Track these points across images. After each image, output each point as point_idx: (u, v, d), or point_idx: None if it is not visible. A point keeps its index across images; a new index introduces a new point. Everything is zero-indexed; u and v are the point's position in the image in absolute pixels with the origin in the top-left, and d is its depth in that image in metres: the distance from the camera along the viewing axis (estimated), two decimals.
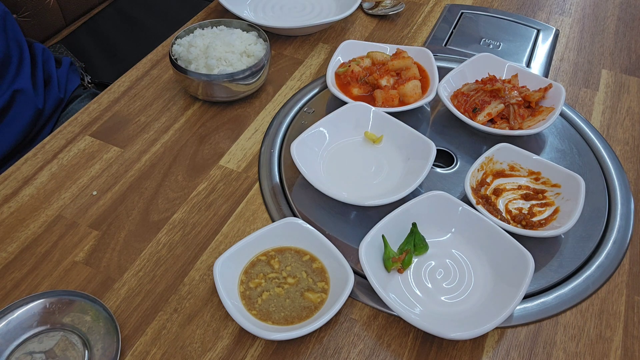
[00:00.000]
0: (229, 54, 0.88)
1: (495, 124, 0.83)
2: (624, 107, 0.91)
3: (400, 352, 0.60)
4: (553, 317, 0.63)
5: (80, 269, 0.67)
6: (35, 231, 0.71)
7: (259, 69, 0.87)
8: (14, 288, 0.65)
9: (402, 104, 0.86)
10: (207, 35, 0.93)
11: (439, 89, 0.86)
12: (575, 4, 1.16)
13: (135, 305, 0.64)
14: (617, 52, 1.03)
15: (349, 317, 0.63)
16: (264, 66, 0.88)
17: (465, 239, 0.68)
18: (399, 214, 0.68)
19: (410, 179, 0.73)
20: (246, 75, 0.86)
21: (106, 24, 1.33)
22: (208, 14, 1.12)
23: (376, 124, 0.82)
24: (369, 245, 0.64)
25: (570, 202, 0.70)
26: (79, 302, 0.62)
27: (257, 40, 0.93)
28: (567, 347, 0.61)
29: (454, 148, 0.83)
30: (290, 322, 0.61)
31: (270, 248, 0.67)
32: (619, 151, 0.83)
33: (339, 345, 0.61)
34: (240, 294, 0.63)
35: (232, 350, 0.60)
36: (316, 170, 0.77)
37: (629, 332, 0.62)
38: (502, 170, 0.77)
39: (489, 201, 0.72)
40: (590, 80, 0.96)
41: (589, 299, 0.65)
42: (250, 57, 0.90)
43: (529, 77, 0.89)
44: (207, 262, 0.68)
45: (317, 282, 0.64)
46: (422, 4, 1.16)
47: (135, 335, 0.61)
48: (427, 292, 0.64)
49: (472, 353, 0.60)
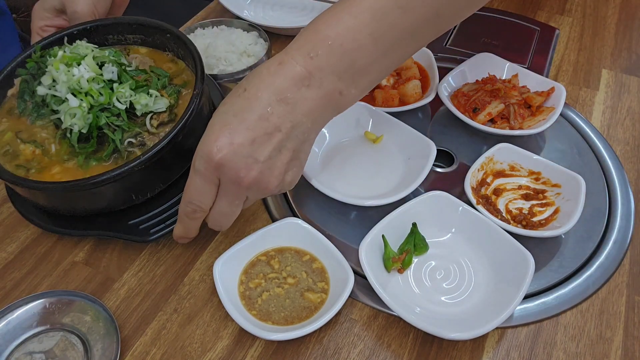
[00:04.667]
0: (229, 54, 0.88)
1: (496, 124, 0.83)
2: (624, 107, 0.91)
3: (400, 353, 0.60)
4: (553, 318, 0.63)
5: (80, 269, 0.67)
6: (35, 231, 0.71)
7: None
8: (13, 288, 0.65)
9: (402, 104, 0.86)
10: (208, 34, 0.92)
11: (439, 89, 0.85)
12: (576, 4, 1.16)
13: (135, 306, 0.64)
14: (617, 52, 1.03)
15: (349, 317, 0.63)
16: None
17: (466, 239, 0.68)
18: (399, 214, 0.67)
19: (410, 179, 0.73)
20: (246, 75, 0.86)
21: None
22: (208, 14, 1.11)
23: (376, 123, 0.82)
24: (369, 245, 0.64)
25: (570, 202, 0.70)
26: (79, 302, 0.62)
27: (257, 40, 0.92)
28: (567, 347, 0.61)
29: (454, 148, 0.83)
30: (290, 323, 0.60)
31: (270, 248, 0.67)
32: (620, 151, 0.83)
33: (339, 346, 0.61)
34: (240, 294, 0.63)
35: (232, 350, 0.60)
36: (316, 170, 0.77)
37: (629, 333, 0.62)
38: (503, 170, 0.77)
39: (489, 201, 0.72)
40: (590, 80, 0.96)
41: (589, 299, 0.65)
42: (251, 57, 0.90)
43: (529, 77, 0.89)
44: (207, 262, 0.68)
45: (317, 282, 0.64)
46: None
47: (135, 335, 0.61)
48: (427, 292, 0.64)
49: (472, 353, 0.60)
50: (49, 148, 0.67)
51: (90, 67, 0.66)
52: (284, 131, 0.55)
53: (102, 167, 0.64)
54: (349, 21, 0.55)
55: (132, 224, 0.66)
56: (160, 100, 0.67)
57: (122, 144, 0.65)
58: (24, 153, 0.66)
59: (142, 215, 0.66)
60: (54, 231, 0.67)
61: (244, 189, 0.56)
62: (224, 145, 0.54)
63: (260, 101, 0.55)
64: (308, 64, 0.55)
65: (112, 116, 0.65)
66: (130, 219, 0.66)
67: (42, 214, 0.68)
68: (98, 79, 0.65)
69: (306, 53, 0.55)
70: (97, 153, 0.66)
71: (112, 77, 0.67)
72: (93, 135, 0.65)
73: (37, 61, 0.71)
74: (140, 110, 0.66)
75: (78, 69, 0.65)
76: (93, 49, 0.69)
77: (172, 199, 0.67)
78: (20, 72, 0.71)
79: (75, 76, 0.64)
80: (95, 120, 0.64)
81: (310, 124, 0.57)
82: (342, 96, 0.57)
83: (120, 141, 0.65)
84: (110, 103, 0.65)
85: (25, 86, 0.70)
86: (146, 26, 0.76)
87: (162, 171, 0.65)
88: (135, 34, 0.77)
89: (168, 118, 0.67)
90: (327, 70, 0.55)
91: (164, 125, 0.67)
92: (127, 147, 0.65)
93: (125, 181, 0.61)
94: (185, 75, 0.74)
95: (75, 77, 0.64)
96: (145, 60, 0.75)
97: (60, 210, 0.66)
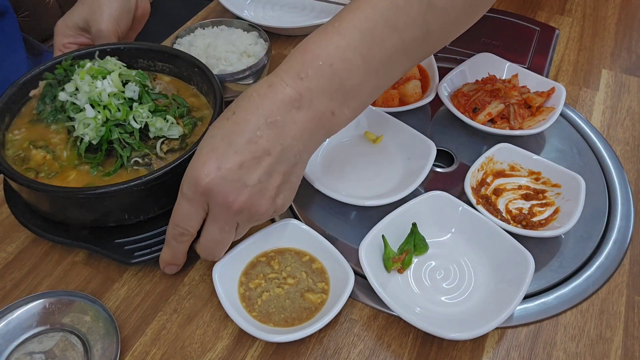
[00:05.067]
0: (230, 54, 0.88)
1: (496, 124, 0.83)
2: (624, 107, 0.91)
3: (400, 353, 0.60)
4: (553, 318, 0.63)
5: (80, 269, 0.67)
6: None
7: (260, 69, 0.87)
8: (13, 288, 0.65)
9: (402, 104, 0.86)
10: (208, 34, 0.93)
11: (439, 89, 0.85)
12: (576, 4, 1.16)
13: (135, 306, 0.64)
14: (617, 52, 1.03)
15: (349, 317, 0.63)
16: (265, 66, 0.88)
17: (466, 239, 0.68)
18: (399, 214, 0.67)
19: (410, 179, 0.73)
20: (246, 75, 0.86)
21: None
22: (208, 14, 1.11)
23: (376, 123, 0.82)
24: (369, 245, 0.64)
25: (570, 202, 0.70)
26: (79, 302, 0.62)
27: (257, 41, 0.92)
28: (567, 347, 0.61)
29: (454, 148, 0.83)
30: (290, 324, 0.60)
31: (270, 249, 0.67)
32: (620, 151, 0.83)
33: (339, 346, 0.61)
34: (240, 295, 0.63)
35: (232, 350, 0.60)
36: (316, 170, 0.77)
37: (629, 333, 0.62)
38: (503, 170, 0.77)
39: (489, 201, 0.72)
40: (590, 80, 0.96)
41: (589, 299, 0.65)
42: (251, 57, 0.90)
43: (529, 77, 0.89)
44: (207, 262, 0.68)
45: (317, 282, 0.64)
46: None
47: (134, 335, 0.61)
48: (427, 292, 0.64)
49: (472, 353, 0.60)
50: (60, 154, 0.68)
51: (114, 82, 0.67)
52: (274, 154, 0.54)
53: (103, 180, 0.65)
54: (338, 41, 0.55)
55: (118, 242, 0.65)
56: (175, 128, 0.68)
57: (129, 161, 0.66)
58: (35, 158, 0.68)
59: (130, 236, 0.66)
60: (42, 236, 0.67)
61: (233, 214, 0.56)
62: (211, 170, 0.53)
63: (249, 124, 0.54)
64: (298, 85, 0.54)
65: (125, 133, 0.66)
66: (117, 237, 0.66)
67: (36, 219, 0.68)
68: (119, 95, 0.67)
69: (295, 74, 0.55)
70: (105, 166, 0.67)
71: (133, 96, 0.68)
72: (102, 147, 0.66)
73: (66, 68, 0.73)
74: (154, 133, 0.67)
75: (102, 82, 0.67)
76: (121, 67, 0.71)
77: (163, 226, 0.66)
78: (48, 76, 0.74)
79: (97, 88, 0.66)
80: (107, 134, 0.65)
81: (301, 146, 0.56)
82: (334, 117, 0.57)
83: (127, 158, 0.66)
84: (126, 120, 0.66)
85: (48, 89, 0.72)
86: (177, 57, 0.78)
87: (160, 196, 0.64)
88: (164, 62, 0.79)
89: (179, 146, 0.68)
90: (317, 91, 0.54)
91: (174, 152, 0.68)
92: (133, 165, 0.66)
93: (121, 198, 0.61)
94: (205, 110, 0.75)
95: (98, 89, 0.66)
96: (169, 87, 0.76)
97: (52, 216, 0.67)
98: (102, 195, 0.60)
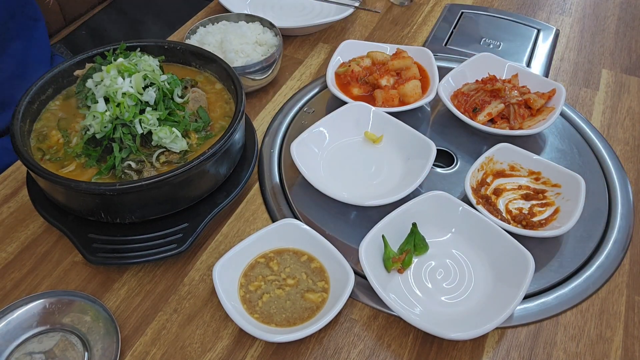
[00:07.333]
0: (244, 45, 0.90)
1: (496, 124, 0.83)
2: (624, 107, 0.91)
3: (400, 353, 0.60)
4: (553, 318, 0.63)
5: (80, 269, 0.67)
6: (35, 231, 0.71)
7: (272, 63, 0.89)
8: (13, 288, 0.65)
9: (402, 104, 0.86)
10: (215, 31, 0.93)
11: (439, 89, 0.85)
12: (576, 4, 1.16)
13: (135, 306, 0.64)
14: (617, 51, 1.03)
15: (349, 317, 0.63)
16: (276, 61, 0.89)
17: (466, 239, 0.68)
18: (399, 214, 0.67)
19: (410, 179, 0.73)
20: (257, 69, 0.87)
21: (106, 24, 1.33)
22: (208, 14, 1.11)
23: (376, 124, 0.82)
24: (369, 245, 0.64)
25: (570, 202, 0.70)
26: (79, 302, 0.62)
27: (263, 29, 0.94)
28: (567, 347, 0.61)
29: (454, 148, 0.83)
30: (292, 324, 0.60)
31: (269, 250, 0.67)
32: (620, 151, 0.83)
33: (339, 346, 0.61)
34: (241, 297, 0.63)
35: (232, 350, 0.60)
36: (316, 170, 0.77)
37: (629, 332, 0.62)
38: (503, 170, 0.77)
39: (489, 201, 0.72)
40: (590, 80, 0.96)
41: (589, 299, 0.65)
42: (263, 45, 0.91)
43: (529, 77, 0.89)
44: (207, 262, 0.68)
45: (317, 282, 0.64)
46: (422, 4, 1.16)
47: (135, 335, 0.61)
48: (427, 292, 0.64)
49: (472, 353, 0.60)
50: (71, 140, 0.69)
51: (135, 83, 0.67)
52: None
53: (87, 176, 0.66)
54: None
55: (90, 237, 0.65)
56: (178, 141, 0.67)
57: (122, 162, 0.65)
58: (52, 139, 0.69)
59: (102, 235, 0.65)
60: (37, 211, 0.68)
61: None
62: None
63: None
64: None
65: (129, 134, 0.66)
66: (92, 232, 0.65)
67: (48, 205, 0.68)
68: (134, 97, 0.66)
69: None
70: (102, 164, 0.67)
71: (149, 101, 0.67)
72: (103, 143, 0.66)
73: (117, 54, 0.74)
74: (156, 142, 0.67)
75: (123, 80, 0.67)
76: (154, 69, 0.70)
77: (137, 235, 0.66)
78: (97, 59, 0.75)
79: (117, 85, 0.66)
80: (111, 132, 0.65)
81: None
82: None
83: (122, 160, 0.65)
84: (131, 122, 0.66)
85: (92, 72, 0.72)
86: (214, 61, 0.77)
87: (140, 205, 0.64)
88: (205, 66, 0.80)
89: (177, 160, 0.68)
90: None
91: (170, 164, 0.67)
92: (125, 168, 0.66)
93: (101, 197, 0.61)
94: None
95: (117, 86, 0.66)
96: (201, 98, 0.74)
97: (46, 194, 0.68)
98: (85, 190, 0.60)
